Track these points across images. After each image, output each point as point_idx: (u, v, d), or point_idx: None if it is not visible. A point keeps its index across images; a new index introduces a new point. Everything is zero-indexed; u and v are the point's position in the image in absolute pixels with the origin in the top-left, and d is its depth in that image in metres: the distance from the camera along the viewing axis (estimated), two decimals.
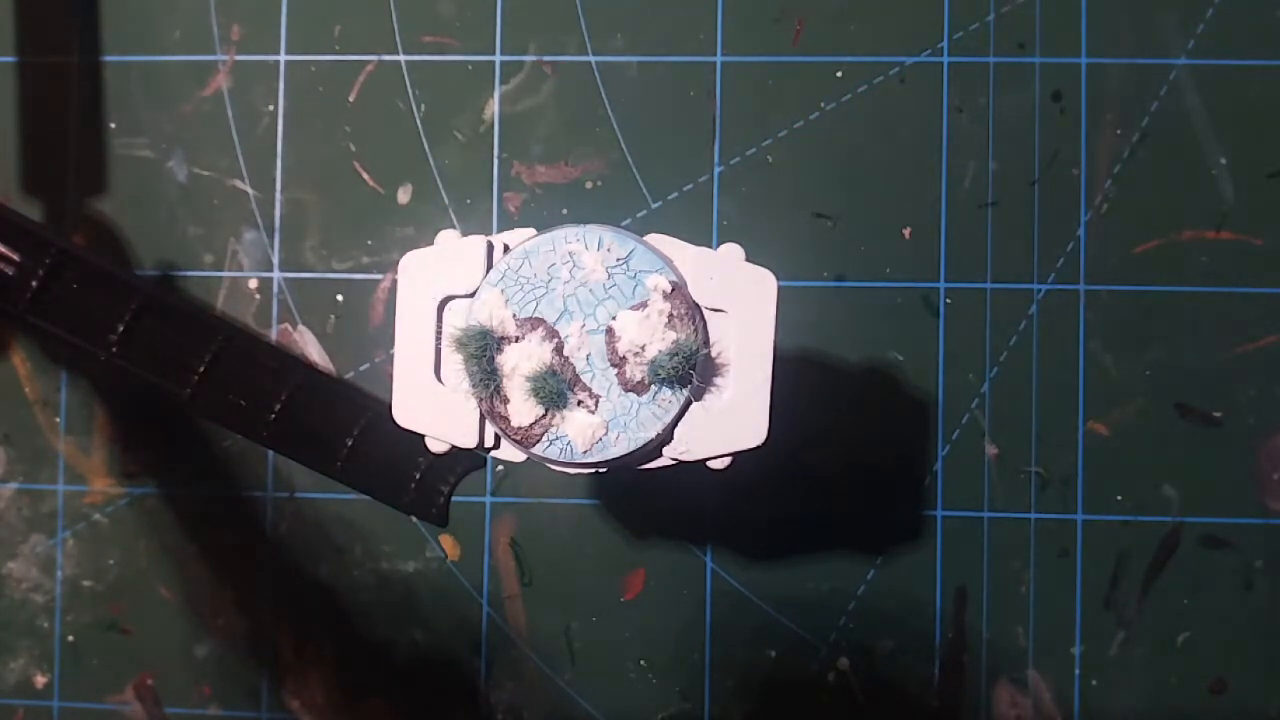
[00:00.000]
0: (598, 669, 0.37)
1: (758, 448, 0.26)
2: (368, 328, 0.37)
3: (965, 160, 0.36)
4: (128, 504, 0.37)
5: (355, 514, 0.37)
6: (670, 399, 0.26)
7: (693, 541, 0.36)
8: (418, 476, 0.36)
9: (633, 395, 0.26)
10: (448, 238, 0.26)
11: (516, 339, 0.26)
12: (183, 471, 0.37)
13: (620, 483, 0.37)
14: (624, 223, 0.37)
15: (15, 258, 0.34)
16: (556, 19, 0.37)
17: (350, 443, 0.36)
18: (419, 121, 0.37)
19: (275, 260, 0.37)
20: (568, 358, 0.26)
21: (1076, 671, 0.36)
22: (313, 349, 0.37)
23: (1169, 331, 0.36)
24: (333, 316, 0.37)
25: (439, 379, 0.26)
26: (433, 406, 0.26)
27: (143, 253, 0.37)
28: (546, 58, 0.37)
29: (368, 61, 0.37)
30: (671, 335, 0.25)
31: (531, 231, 0.26)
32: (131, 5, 0.38)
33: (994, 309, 0.36)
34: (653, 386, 0.26)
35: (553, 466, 0.26)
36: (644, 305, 0.25)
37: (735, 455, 0.26)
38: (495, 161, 0.37)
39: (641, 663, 0.37)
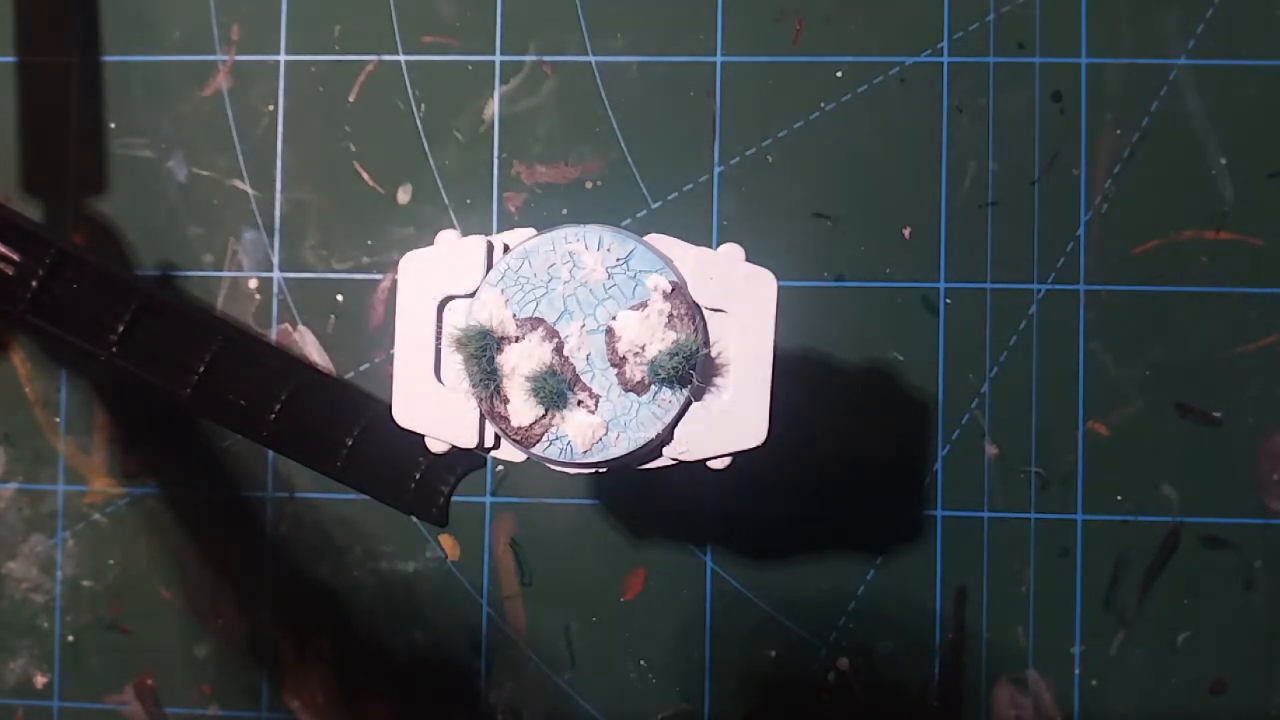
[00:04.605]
0: (598, 669, 0.37)
1: (757, 448, 0.26)
2: (368, 328, 0.37)
3: (965, 160, 0.36)
4: (128, 504, 0.37)
5: (355, 514, 0.37)
6: (670, 399, 0.26)
7: (693, 541, 0.36)
8: (418, 476, 0.36)
9: (633, 395, 0.26)
10: (448, 238, 0.26)
11: (516, 339, 0.26)
12: (183, 471, 0.37)
13: (620, 483, 0.37)
14: (624, 223, 0.37)
15: (15, 258, 0.34)
16: (556, 19, 0.37)
17: (350, 443, 0.36)
18: (419, 121, 0.37)
19: (275, 260, 0.37)
20: (568, 358, 0.26)
21: (1076, 671, 0.36)
22: (313, 349, 0.37)
23: (1169, 331, 0.36)
24: (333, 316, 0.37)
25: (439, 379, 0.26)
26: (433, 406, 0.26)
27: (143, 253, 0.37)
28: (546, 58, 0.37)
29: (368, 61, 0.37)
30: (671, 335, 0.25)
31: (531, 231, 0.26)
32: (131, 5, 0.38)
33: (994, 309, 0.36)
34: (653, 386, 0.26)
35: (553, 466, 0.26)
36: (644, 305, 0.25)
37: (735, 455, 0.26)
38: (495, 161, 0.37)
39: (641, 663, 0.37)
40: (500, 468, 0.37)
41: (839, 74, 0.36)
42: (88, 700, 0.37)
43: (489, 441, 0.27)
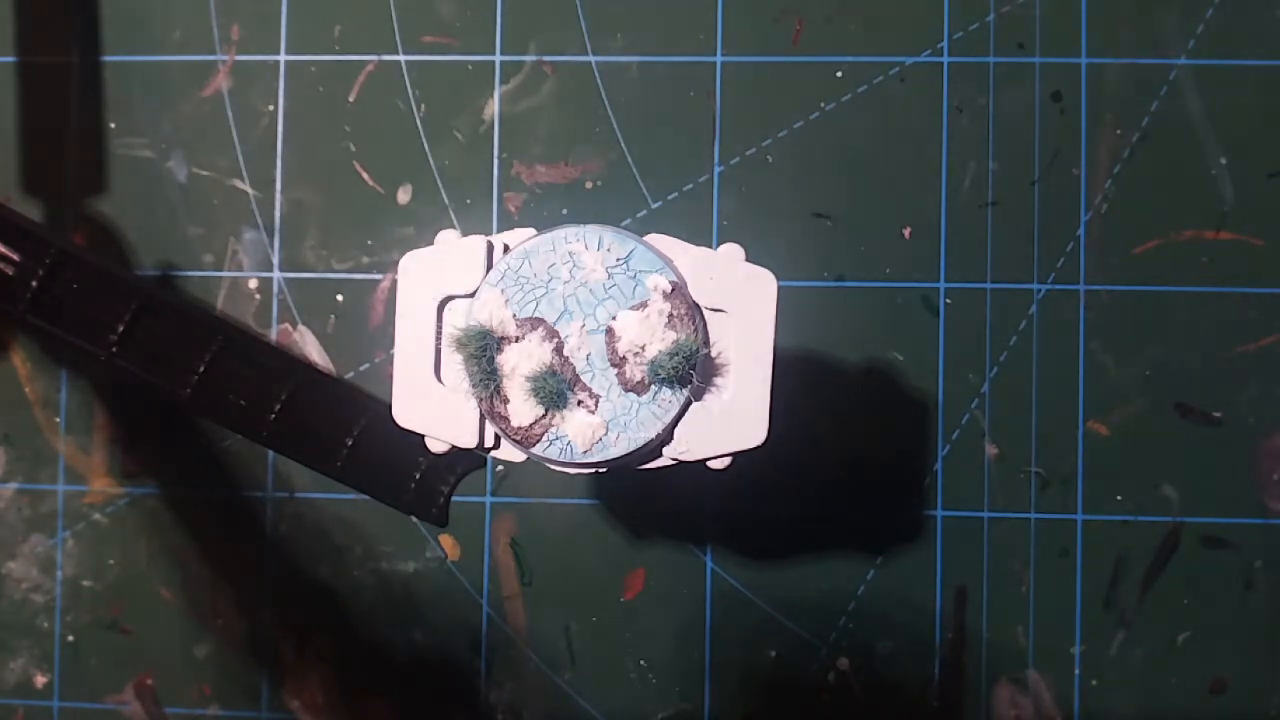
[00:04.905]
0: (598, 669, 0.37)
1: (757, 448, 0.26)
2: (368, 328, 0.37)
3: (965, 160, 0.36)
4: (128, 504, 0.37)
5: (355, 514, 0.37)
6: (670, 399, 0.26)
7: (693, 541, 0.36)
8: (418, 476, 0.36)
9: (633, 395, 0.26)
10: (448, 238, 0.26)
11: (516, 339, 0.26)
12: (183, 471, 0.37)
13: (620, 483, 0.37)
14: (624, 223, 0.37)
15: (15, 258, 0.34)
16: (556, 19, 0.37)
17: (350, 443, 0.36)
18: (419, 121, 0.37)
19: (275, 260, 0.37)
20: (568, 358, 0.26)
21: (1076, 671, 0.36)
22: (313, 349, 0.37)
23: (1169, 331, 0.36)
24: (333, 316, 0.37)
25: (439, 379, 0.26)
26: (433, 406, 0.26)
27: (143, 253, 0.37)
28: (546, 58, 0.37)
29: (368, 61, 0.37)
30: (671, 335, 0.25)
31: (531, 231, 0.26)
32: (131, 5, 0.38)
33: (994, 309, 0.36)
34: (653, 386, 0.26)
35: (553, 466, 0.26)
36: (644, 305, 0.25)
37: (735, 455, 0.26)
38: (495, 161, 0.37)
39: (641, 663, 0.37)
40: (500, 468, 0.37)
41: (839, 74, 0.36)
42: (88, 700, 0.37)
43: (489, 441, 0.27)
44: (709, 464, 0.26)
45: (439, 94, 0.37)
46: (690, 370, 0.25)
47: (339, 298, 0.37)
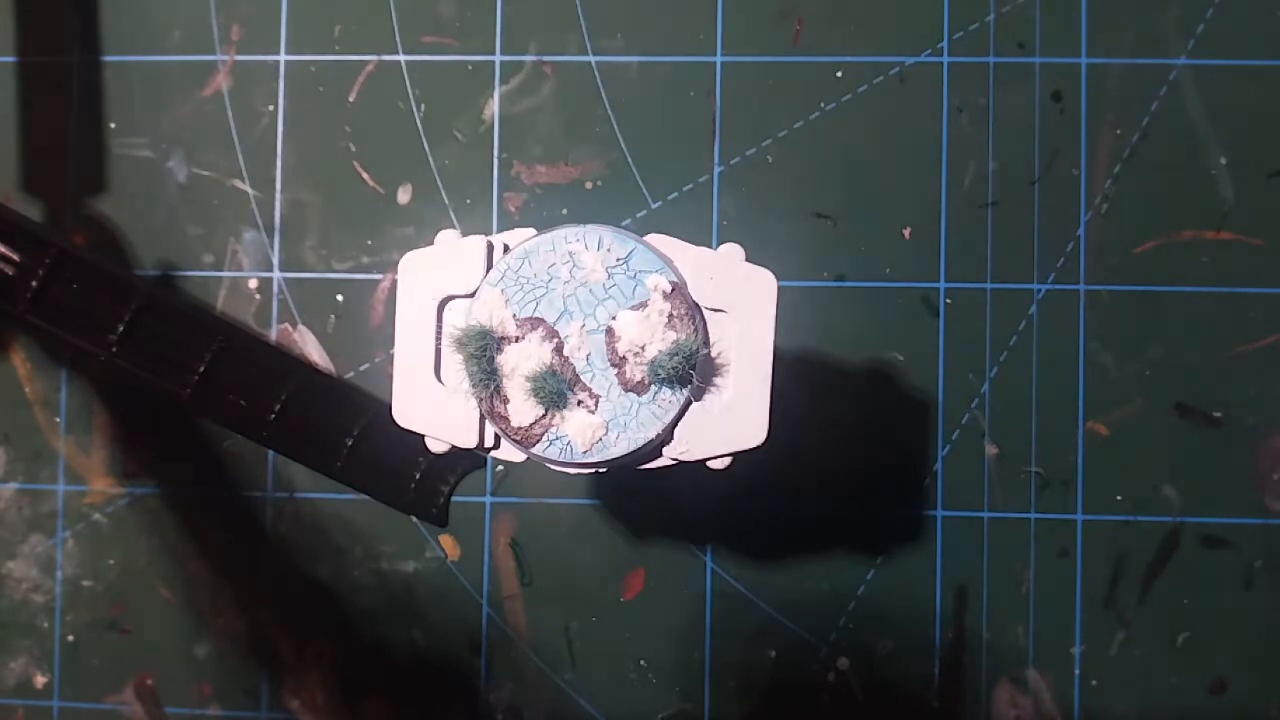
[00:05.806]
0: (598, 669, 0.37)
1: (758, 448, 0.26)
2: (368, 328, 0.37)
3: (965, 160, 0.36)
4: (128, 504, 0.37)
5: (355, 514, 0.37)
6: (670, 399, 0.26)
7: (693, 541, 0.36)
8: (418, 476, 0.36)
9: (633, 395, 0.26)
10: (448, 238, 0.26)
11: (516, 339, 0.26)
12: (183, 471, 0.37)
13: (620, 483, 0.37)
14: (624, 223, 0.37)
15: (15, 258, 0.34)
16: (556, 19, 0.37)
17: (350, 443, 0.36)
18: (419, 121, 0.37)
19: (275, 260, 0.37)
20: (568, 358, 0.26)
21: (1076, 671, 0.36)
22: (313, 349, 0.37)
23: (1169, 331, 0.36)
24: (333, 316, 0.37)
25: (439, 379, 0.26)
26: (433, 406, 0.26)
27: (143, 253, 0.37)
28: (546, 58, 0.37)
29: (368, 61, 0.37)
30: (671, 335, 0.25)
31: (531, 231, 0.26)
32: (131, 5, 0.38)
33: (994, 309, 0.36)
34: (653, 386, 0.26)
35: (553, 466, 0.26)
36: (644, 305, 0.25)
37: (735, 455, 0.26)
38: (495, 161, 0.37)
39: (641, 663, 0.37)
40: (500, 468, 0.37)
41: (839, 74, 0.36)
42: (88, 700, 0.37)
43: (489, 441, 0.27)
44: (709, 464, 0.26)
45: (439, 94, 0.37)
46: (690, 370, 0.25)
47: (339, 298, 0.37)
